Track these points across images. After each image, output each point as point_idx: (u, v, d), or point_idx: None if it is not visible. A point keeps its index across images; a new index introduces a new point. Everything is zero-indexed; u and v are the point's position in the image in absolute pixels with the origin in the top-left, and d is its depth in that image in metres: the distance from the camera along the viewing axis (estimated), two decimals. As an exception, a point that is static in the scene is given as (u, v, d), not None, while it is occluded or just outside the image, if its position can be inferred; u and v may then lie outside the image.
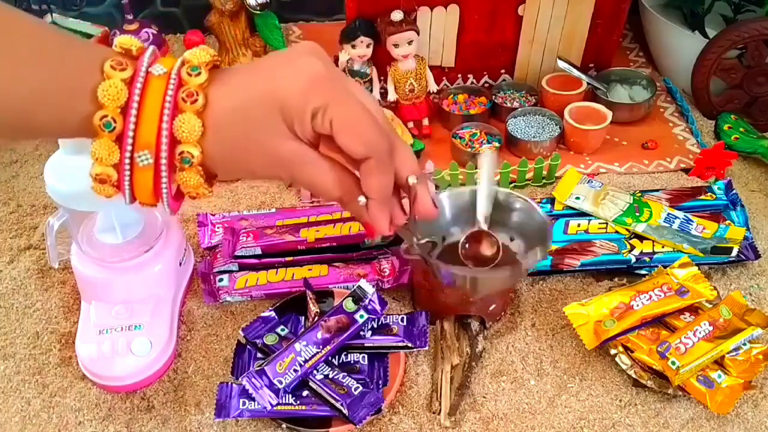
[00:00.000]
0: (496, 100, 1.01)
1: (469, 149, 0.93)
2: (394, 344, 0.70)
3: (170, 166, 0.45)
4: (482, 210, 0.69)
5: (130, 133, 0.44)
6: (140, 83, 0.44)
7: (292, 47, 0.49)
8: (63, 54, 0.44)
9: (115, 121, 0.43)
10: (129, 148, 0.44)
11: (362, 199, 0.50)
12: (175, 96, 0.44)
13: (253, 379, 0.66)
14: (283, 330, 0.72)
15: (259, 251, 0.79)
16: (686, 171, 0.95)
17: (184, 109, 0.44)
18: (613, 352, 0.70)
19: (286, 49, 1.12)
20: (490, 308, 0.74)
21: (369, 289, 0.72)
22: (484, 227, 0.68)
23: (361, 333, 0.71)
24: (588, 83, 1.00)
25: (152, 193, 0.47)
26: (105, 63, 0.44)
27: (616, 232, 0.82)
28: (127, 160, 0.45)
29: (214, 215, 0.86)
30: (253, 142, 0.46)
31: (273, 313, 0.73)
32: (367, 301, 0.71)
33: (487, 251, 0.69)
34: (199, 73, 0.45)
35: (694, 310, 0.73)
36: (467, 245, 0.69)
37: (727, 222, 0.82)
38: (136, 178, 0.46)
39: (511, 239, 0.73)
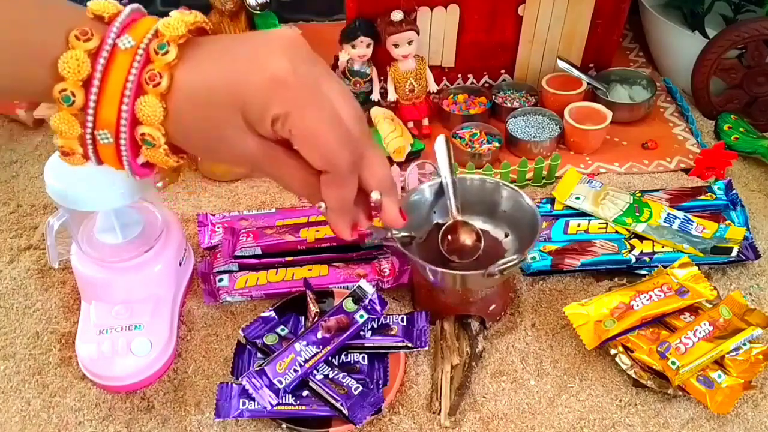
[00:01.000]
0: (496, 100, 1.01)
1: (469, 149, 0.93)
2: (394, 344, 0.70)
3: (133, 143, 0.43)
4: (452, 199, 0.66)
5: (90, 111, 0.42)
6: (104, 58, 0.41)
7: (272, 35, 0.44)
8: (33, 17, 0.42)
9: (74, 95, 0.41)
10: (90, 125, 0.42)
11: (322, 205, 0.49)
12: (139, 75, 0.41)
13: (253, 379, 0.66)
14: (283, 330, 0.72)
15: (259, 251, 0.79)
16: (686, 171, 0.95)
17: (147, 90, 0.42)
18: (613, 352, 0.70)
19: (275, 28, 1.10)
20: (490, 308, 0.74)
21: (369, 289, 0.72)
22: (459, 217, 0.67)
23: (361, 333, 0.71)
24: (588, 83, 1.00)
25: (120, 164, 0.45)
26: (71, 32, 0.41)
27: (616, 232, 0.82)
28: (89, 137, 0.43)
29: (214, 215, 0.86)
30: (214, 133, 0.44)
31: (273, 313, 0.73)
32: (367, 301, 0.71)
33: (467, 240, 0.68)
34: (167, 52, 0.41)
35: (694, 310, 0.73)
36: (447, 239, 0.67)
37: (727, 222, 0.82)
38: (100, 151, 0.44)
39: (506, 235, 0.73)
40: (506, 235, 0.73)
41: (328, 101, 0.43)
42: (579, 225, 0.83)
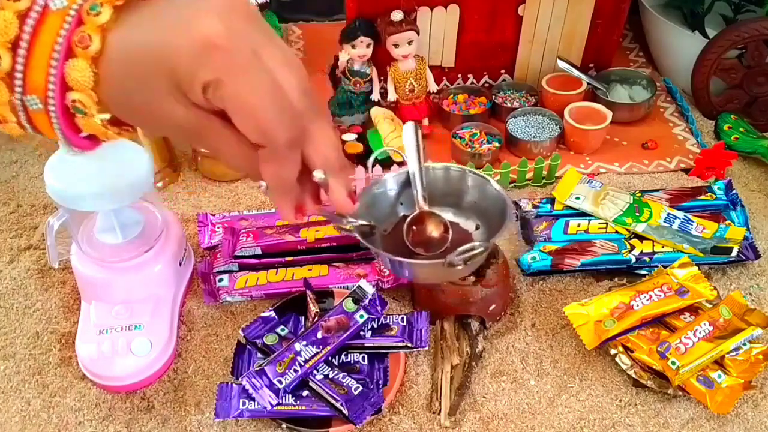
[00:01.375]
0: (496, 100, 1.01)
1: (469, 149, 0.93)
2: (394, 344, 0.70)
3: (65, 111, 0.40)
4: (419, 189, 0.62)
5: (18, 75, 0.39)
6: (33, 18, 0.38)
7: None
8: None
9: (0, 58, 0.38)
10: (19, 90, 0.39)
11: (263, 184, 0.45)
12: (69, 37, 0.38)
13: (253, 379, 0.66)
14: (283, 330, 0.72)
15: (259, 251, 0.79)
16: (686, 171, 0.95)
17: (76, 53, 0.39)
18: (613, 352, 0.70)
19: None
20: (490, 308, 0.74)
21: (369, 289, 0.72)
22: (425, 207, 0.63)
23: (361, 333, 0.71)
24: (588, 83, 1.00)
25: (53, 133, 0.42)
26: None
27: (616, 232, 0.82)
28: (19, 103, 0.40)
29: (214, 215, 0.86)
30: (147, 101, 0.40)
31: (273, 313, 0.73)
32: (367, 301, 0.71)
33: (434, 232, 0.63)
34: (99, 13, 0.38)
35: (694, 310, 0.73)
36: (412, 231, 0.63)
37: (727, 222, 0.82)
38: (33, 119, 0.41)
39: (477, 227, 0.68)
40: (477, 228, 0.68)
41: (265, 69, 0.39)
42: (579, 225, 0.83)
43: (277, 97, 0.40)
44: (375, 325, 0.72)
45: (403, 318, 0.73)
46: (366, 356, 0.70)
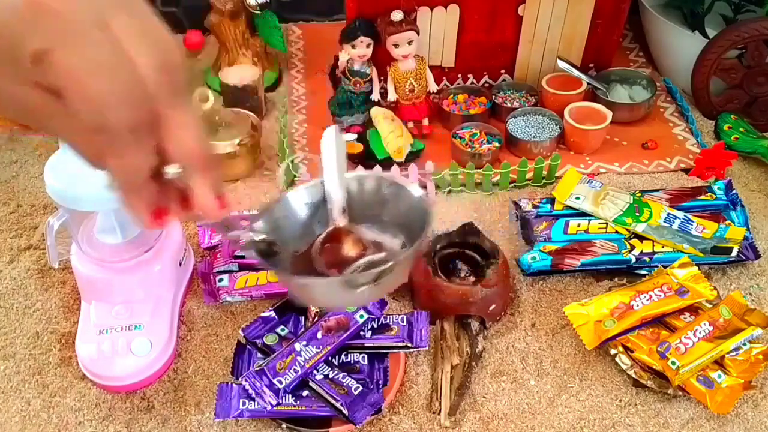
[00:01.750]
0: (496, 100, 1.01)
1: (469, 149, 0.93)
2: (394, 344, 0.70)
3: None
4: (336, 200, 0.53)
5: None
6: None
7: None
8: None
9: None
10: None
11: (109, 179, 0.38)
12: None
13: (253, 380, 0.66)
14: (283, 330, 0.72)
15: (259, 251, 0.79)
16: (686, 171, 0.95)
17: None
18: (613, 352, 0.70)
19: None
20: (490, 308, 0.74)
21: (369, 289, 0.72)
22: (342, 223, 0.53)
23: (361, 333, 0.71)
24: (588, 83, 1.00)
25: None
26: None
27: (616, 232, 0.82)
28: None
29: (214, 215, 0.86)
30: None
31: (273, 313, 0.73)
32: (367, 301, 0.71)
33: (351, 252, 0.53)
34: None
35: (694, 310, 0.73)
36: (324, 250, 0.54)
37: (727, 222, 0.82)
38: None
39: (403, 245, 0.55)
40: (403, 245, 0.55)
41: (111, 39, 0.33)
42: (579, 225, 0.83)
43: (120, 72, 0.33)
44: (375, 325, 0.72)
45: (403, 318, 0.73)
46: (366, 356, 0.70)
